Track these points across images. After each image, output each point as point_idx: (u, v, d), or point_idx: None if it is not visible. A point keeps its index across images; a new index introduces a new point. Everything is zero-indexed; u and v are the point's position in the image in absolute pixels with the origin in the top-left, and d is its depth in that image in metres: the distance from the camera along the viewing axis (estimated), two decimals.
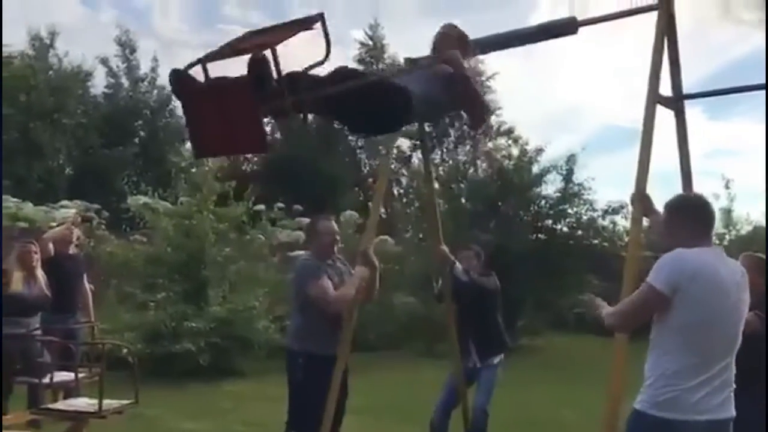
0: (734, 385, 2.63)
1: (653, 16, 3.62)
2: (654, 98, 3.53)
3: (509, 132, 27.15)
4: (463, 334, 5.21)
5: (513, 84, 32.36)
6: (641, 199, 3.31)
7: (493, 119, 28.32)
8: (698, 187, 3.76)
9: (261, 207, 13.49)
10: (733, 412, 2.62)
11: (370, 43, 27.06)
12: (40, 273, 5.78)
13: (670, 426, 2.52)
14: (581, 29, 3.96)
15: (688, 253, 2.61)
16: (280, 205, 14.59)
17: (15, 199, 13.11)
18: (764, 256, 4.01)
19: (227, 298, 9.69)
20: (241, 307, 9.29)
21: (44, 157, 19.25)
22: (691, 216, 2.74)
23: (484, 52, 4.09)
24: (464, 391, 5.24)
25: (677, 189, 3.59)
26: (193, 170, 10.17)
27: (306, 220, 12.45)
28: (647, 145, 3.48)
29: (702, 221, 2.73)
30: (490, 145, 27.42)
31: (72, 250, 6.55)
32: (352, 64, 26.78)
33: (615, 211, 13.45)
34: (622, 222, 13.96)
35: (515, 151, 16.76)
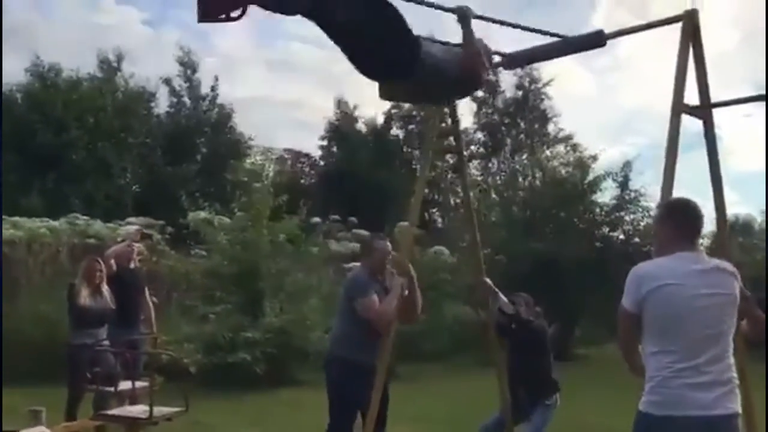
0: (734, 381, 2.68)
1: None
2: (679, 108, 3.59)
3: (567, 139, 26.94)
4: (512, 373, 5.12)
5: (573, 89, 32.04)
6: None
7: (551, 127, 28.23)
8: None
9: (316, 220, 13.83)
10: (734, 409, 2.65)
11: None
12: (105, 288, 6.16)
13: (668, 422, 2.60)
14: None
15: (646, 266, 2.76)
16: (336, 217, 14.91)
17: (84, 217, 13.75)
18: None
19: (284, 309, 9.97)
20: (296, 318, 9.55)
21: (112, 175, 20.04)
22: (671, 221, 2.83)
23: (511, 67, 4.21)
24: (511, 428, 5.17)
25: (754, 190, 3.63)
26: (256, 185, 10.46)
27: (362, 232, 12.71)
28: (673, 154, 3.55)
29: (681, 226, 2.79)
30: (547, 152, 27.35)
31: (133, 265, 6.90)
32: None
33: None
34: None
35: (573, 159, 16.78)
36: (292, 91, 38.05)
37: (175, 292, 10.88)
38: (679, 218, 2.81)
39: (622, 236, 14.20)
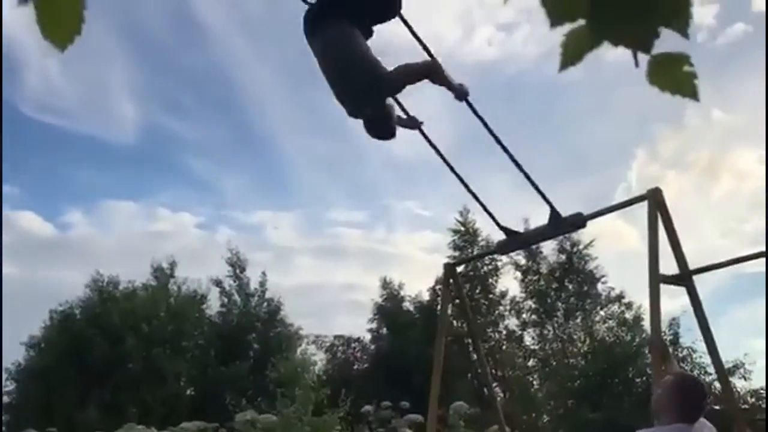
0: None
1: None
2: (657, 279, 3.75)
3: (620, 298, 26.59)
4: None
5: (618, 245, 32.00)
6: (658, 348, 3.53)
7: (600, 286, 27.97)
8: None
9: (367, 408, 13.66)
10: None
11: (462, 228, 27.93)
12: None
13: None
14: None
15: None
16: (387, 403, 14.72)
17: (141, 426, 13.89)
18: None
19: None
20: None
21: (166, 381, 20.39)
22: (676, 396, 2.96)
23: (504, 252, 4.48)
24: None
25: None
26: (304, 378, 10.59)
27: (415, 417, 12.49)
28: (657, 324, 3.66)
29: (687, 401, 2.94)
30: (601, 313, 26.93)
31: None
32: (449, 252, 27.64)
33: (730, 372, 12.81)
34: (740, 383, 13.24)
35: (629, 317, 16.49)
36: (342, 275, 38.92)
37: None
38: (686, 396, 2.97)
39: None
